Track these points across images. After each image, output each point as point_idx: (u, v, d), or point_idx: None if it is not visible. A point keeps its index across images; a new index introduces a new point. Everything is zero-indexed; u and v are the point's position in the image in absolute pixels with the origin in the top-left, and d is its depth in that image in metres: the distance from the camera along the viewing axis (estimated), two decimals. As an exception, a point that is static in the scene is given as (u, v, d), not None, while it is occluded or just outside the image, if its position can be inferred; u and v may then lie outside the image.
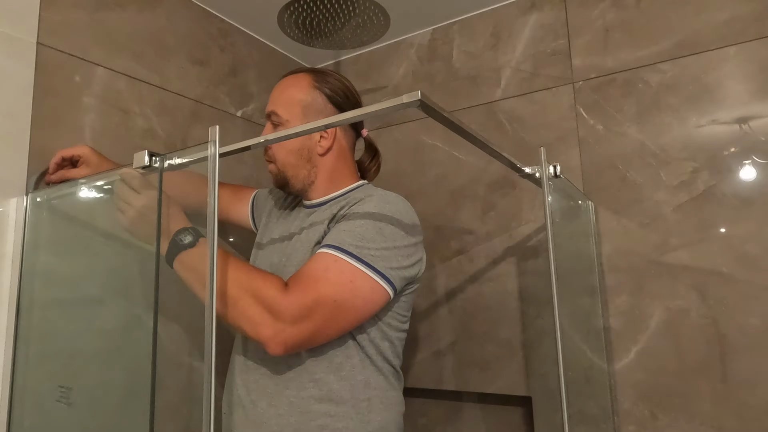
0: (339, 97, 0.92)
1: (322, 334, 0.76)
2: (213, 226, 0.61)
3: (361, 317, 0.79)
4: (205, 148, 0.64)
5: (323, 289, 0.74)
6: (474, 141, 0.69)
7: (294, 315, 0.72)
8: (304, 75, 0.93)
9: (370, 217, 0.80)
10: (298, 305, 0.73)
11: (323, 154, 0.92)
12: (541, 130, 1.27)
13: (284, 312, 0.72)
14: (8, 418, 0.84)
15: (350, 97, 0.94)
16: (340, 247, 0.76)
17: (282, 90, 0.93)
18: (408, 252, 0.81)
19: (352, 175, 0.96)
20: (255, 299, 0.73)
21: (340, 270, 0.75)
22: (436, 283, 1.36)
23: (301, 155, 0.91)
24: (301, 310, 0.73)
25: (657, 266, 1.10)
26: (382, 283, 0.77)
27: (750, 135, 1.04)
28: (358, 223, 0.79)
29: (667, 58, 1.14)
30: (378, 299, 0.78)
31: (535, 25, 1.31)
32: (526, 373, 1.21)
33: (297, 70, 0.96)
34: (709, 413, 1.02)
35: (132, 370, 0.86)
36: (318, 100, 0.91)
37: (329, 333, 0.77)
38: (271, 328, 0.72)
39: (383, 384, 0.85)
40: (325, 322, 0.75)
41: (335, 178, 0.93)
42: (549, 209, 0.79)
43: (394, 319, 0.87)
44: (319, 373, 0.82)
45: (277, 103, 0.92)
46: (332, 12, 1.34)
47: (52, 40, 0.97)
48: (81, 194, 0.88)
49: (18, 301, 0.86)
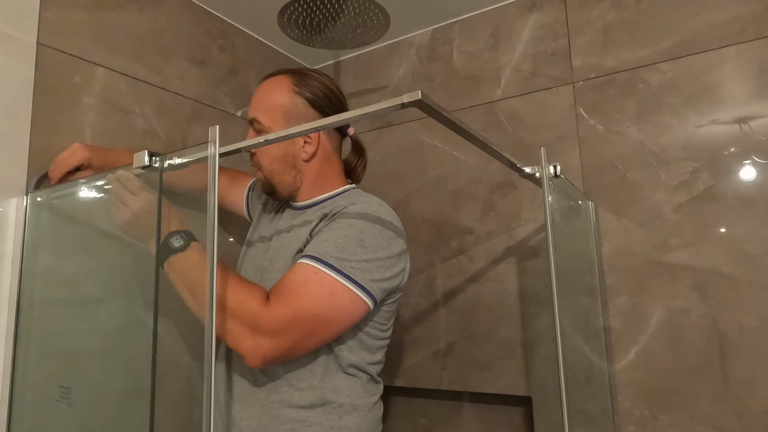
0: (320, 101, 0.90)
1: (301, 347, 0.77)
2: (213, 226, 0.61)
3: (341, 329, 0.79)
4: (205, 148, 0.64)
5: (303, 303, 0.74)
6: (474, 141, 0.69)
7: (273, 329, 0.73)
8: (285, 78, 0.91)
9: (352, 228, 0.79)
10: (278, 320, 0.73)
11: (308, 160, 0.90)
12: (541, 130, 1.27)
13: (264, 326, 0.73)
14: (8, 418, 0.84)
15: (333, 99, 0.92)
16: (320, 258, 0.76)
17: (262, 95, 0.91)
18: (389, 263, 0.81)
19: (338, 178, 0.95)
20: (236, 312, 0.73)
21: (320, 283, 0.75)
22: (436, 283, 1.36)
23: (286, 162, 0.90)
24: (280, 325, 0.73)
25: (657, 266, 1.10)
26: (362, 296, 0.77)
27: (750, 135, 1.04)
28: (339, 233, 0.79)
29: (667, 58, 1.14)
30: (357, 311, 0.78)
31: (535, 25, 1.31)
32: (526, 373, 1.21)
33: (277, 72, 0.93)
34: (709, 413, 1.02)
35: (132, 370, 0.86)
36: (299, 105, 0.89)
37: (308, 346, 0.77)
38: (251, 341, 0.73)
39: (358, 390, 0.84)
40: (304, 336, 0.75)
41: (321, 183, 0.92)
42: (549, 209, 0.79)
43: (374, 329, 0.86)
44: (291, 378, 0.82)
45: (258, 110, 0.90)
46: (332, 12, 1.34)
47: (52, 40, 0.96)
48: (81, 194, 0.88)
49: (18, 301, 0.86)
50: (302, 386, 0.81)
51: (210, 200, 0.61)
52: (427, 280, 1.37)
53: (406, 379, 1.37)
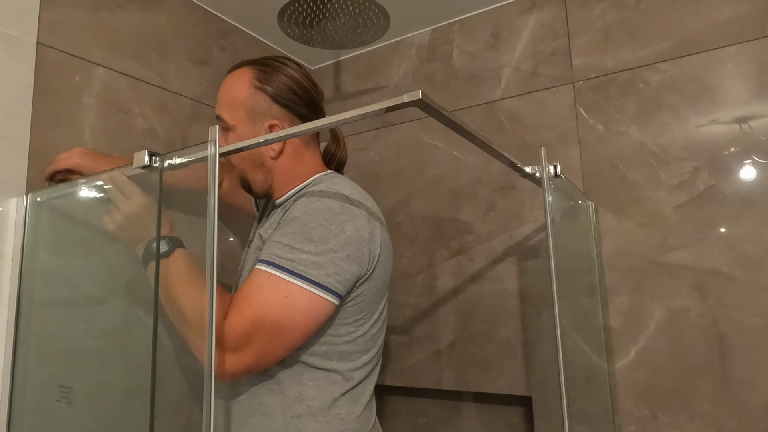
0: (283, 95, 0.85)
1: (269, 356, 0.74)
2: (213, 226, 0.61)
3: (306, 332, 0.74)
4: (205, 147, 0.64)
5: (258, 311, 0.71)
6: (474, 141, 0.69)
7: (234, 344, 0.71)
8: (247, 72, 0.87)
9: (298, 222, 0.75)
10: (236, 333, 0.71)
11: (275, 158, 0.87)
12: (541, 130, 1.27)
13: (224, 342, 0.70)
14: (8, 418, 0.84)
15: (298, 92, 0.86)
16: (271, 261, 0.73)
17: (224, 91, 0.88)
18: (345, 252, 0.75)
19: (312, 169, 0.89)
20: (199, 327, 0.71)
21: (274, 288, 0.72)
22: (436, 283, 1.36)
23: (254, 161, 0.87)
24: (239, 338, 0.71)
25: (657, 266, 1.10)
26: (320, 293, 0.73)
27: (750, 135, 1.04)
28: (287, 230, 0.75)
29: (667, 58, 1.14)
30: (320, 310, 0.74)
31: (535, 24, 1.31)
32: (526, 373, 1.21)
33: (241, 64, 0.89)
34: (709, 413, 1.02)
35: (132, 370, 0.86)
36: (260, 101, 0.85)
37: (276, 353, 0.74)
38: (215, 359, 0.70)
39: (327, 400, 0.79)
40: (267, 345, 0.72)
41: (293, 177, 0.88)
42: (549, 209, 0.79)
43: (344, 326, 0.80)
44: (252, 385, 0.79)
45: (222, 107, 0.87)
46: (332, 12, 1.34)
47: (52, 40, 0.96)
48: (81, 194, 0.88)
49: (18, 301, 0.86)
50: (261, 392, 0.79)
51: (210, 200, 0.61)
52: (427, 280, 1.37)
53: (406, 379, 1.37)
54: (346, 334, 0.81)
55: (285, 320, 0.72)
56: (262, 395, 0.79)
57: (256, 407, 0.79)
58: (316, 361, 0.79)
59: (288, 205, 0.83)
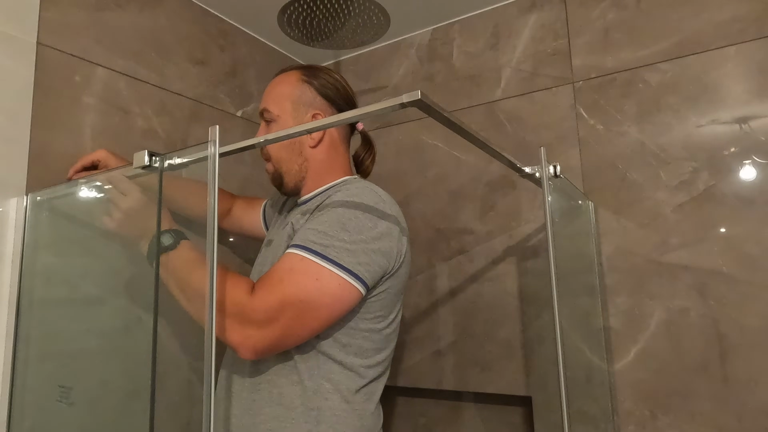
0: (329, 90, 0.92)
1: (293, 336, 0.74)
2: (213, 226, 0.61)
3: (332, 316, 0.76)
4: (205, 147, 0.64)
5: (288, 289, 0.72)
6: (474, 141, 0.69)
7: (260, 319, 0.72)
8: (294, 71, 0.94)
9: (334, 213, 0.78)
10: (264, 308, 0.72)
11: (314, 146, 0.91)
12: (541, 130, 1.27)
13: (251, 316, 0.72)
14: (8, 418, 0.84)
15: (341, 90, 0.93)
16: (304, 246, 0.75)
17: (272, 87, 0.94)
18: (377, 245, 0.78)
19: (342, 169, 0.94)
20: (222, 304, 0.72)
21: (306, 269, 0.73)
22: (436, 283, 1.36)
23: (293, 149, 0.91)
24: (267, 313, 0.71)
25: (657, 266, 1.10)
26: (350, 280, 0.74)
27: (750, 135, 1.04)
28: (322, 219, 0.78)
29: (667, 58, 1.14)
30: (348, 297, 0.75)
31: (535, 24, 1.31)
32: (526, 373, 1.21)
33: (289, 68, 0.96)
34: (709, 413, 1.02)
35: (132, 370, 0.86)
36: (307, 93, 0.91)
37: (300, 334, 0.75)
38: (239, 333, 0.71)
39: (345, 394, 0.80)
40: (293, 323, 0.73)
41: (325, 172, 0.92)
42: (549, 209, 0.79)
43: (365, 321, 0.82)
44: (272, 374, 0.80)
45: (268, 101, 0.93)
46: (332, 12, 1.34)
47: (52, 40, 0.97)
48: (81, 194, 0.88)
49: (18, 301, 0.86)
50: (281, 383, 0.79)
51: (210, 200, 0.61)
52: (427, 280, 1.37)
53: (406, 379, 1.37)
54: (366, 330, 0.83)
55: (313, 301, 0.73)
56: (282, 386, 0.80)
57: (276, 397, 0.79)
58: (336, 353, 0.80)
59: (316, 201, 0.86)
